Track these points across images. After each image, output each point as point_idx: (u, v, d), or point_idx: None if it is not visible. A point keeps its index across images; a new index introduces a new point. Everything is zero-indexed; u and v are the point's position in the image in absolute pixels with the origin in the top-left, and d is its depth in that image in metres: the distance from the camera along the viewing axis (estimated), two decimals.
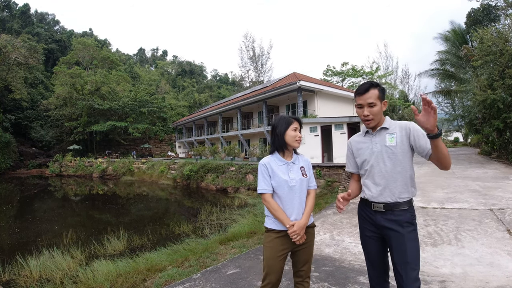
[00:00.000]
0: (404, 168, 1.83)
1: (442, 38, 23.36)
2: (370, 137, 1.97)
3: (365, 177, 1.98)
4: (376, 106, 1.87)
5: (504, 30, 14.90)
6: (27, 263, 5.92)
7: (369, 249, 1.97)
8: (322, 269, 3.40)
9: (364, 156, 1.97)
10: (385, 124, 1.92)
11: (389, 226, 1.82)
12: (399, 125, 1.88)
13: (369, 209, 1.93)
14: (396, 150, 1.84)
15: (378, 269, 1.96)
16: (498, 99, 12.63)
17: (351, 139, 2.13)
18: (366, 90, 1.88)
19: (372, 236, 1.93)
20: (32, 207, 15.56)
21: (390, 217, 1.83)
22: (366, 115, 1.89)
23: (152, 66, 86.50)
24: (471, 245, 3.88)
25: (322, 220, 5.61)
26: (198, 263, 4.34)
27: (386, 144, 1.87)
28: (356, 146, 2.06)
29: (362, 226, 2.02)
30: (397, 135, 1.85)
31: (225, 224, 8.87)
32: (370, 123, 1.91)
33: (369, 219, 1.94)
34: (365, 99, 1.88)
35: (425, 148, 1.76)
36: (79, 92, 39.73)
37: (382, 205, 1.85)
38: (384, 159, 1.87)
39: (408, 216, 1.82)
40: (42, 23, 63.62)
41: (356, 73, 41.03)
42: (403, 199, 1.82)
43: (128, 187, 23.54)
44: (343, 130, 15.45)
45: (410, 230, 1.79)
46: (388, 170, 1.84)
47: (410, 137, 1.82)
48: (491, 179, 9.04)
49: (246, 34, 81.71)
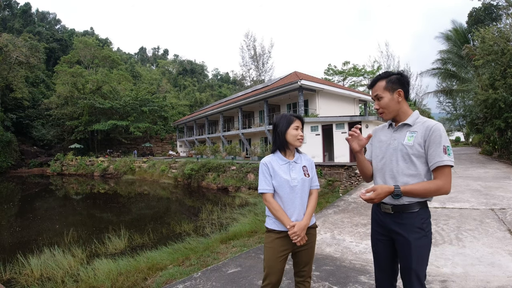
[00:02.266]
0: (417, 172, 1.68)
1: (444, 37, 23.31)
2: (391, 132, 1.85)
3: (376, 174, 1.88)
4: (384, 98, 1.77)
5: (505, 30, 14.85)
6: (28, 262, 5.93)
7: (378, 251, 1.88)
8: (323, 268, 3.40)
9: (380, 150, 1.87)
10: (409, 120, 1.76)
11: (397, 229, 1.71)
12: (424, 124, 1.71)
13: (379, 210, 1.84)
14: (412, 151, 1.69)
15: (385, 273, 1.87)
16: (500, 99, 12.60)
17: (376, 127, 2.02)
18: (373, 83, 1.83)
19: (382, 239, 1.84)
20: (33, 206, 15.60)
21: (398, 220, 1.71)
22: (376, 108, 1.84)
23: (153, 65, 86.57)
24: (472, 245, 3.87)
25: (323, 220, 5.61)
26: (199, 262, 4.34)
27: (403, 142, 1.74)
28: (377, 136, 1.95)
29: (372, 227, 1.93)
30: (417, 135, 1.70)
31: (226, 223, 8.87)
32: (383, 116, 1.83)
33: (379, 220, 1.85)
34: (372, 93, 1.83)
35: (431, 160, 1.65)
36: (80, 91, 39.77)
37: (390, 206, 1.73)
38: (397, 158, 1.74)
39: (418, 221, 1.67)
40: (43, 22, 63.79)
41: (357, 72, 41.00)
42: (412, 202, 1.68)
43: (129, 186, 23.57)
44: (344, 129, 15.43)
45: (419, 237, 1.65)
46: (399, 171, 1.72)
47: (426, 141, 1.67)
48: (492, 178, 9.02)
49: (247, 33, 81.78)
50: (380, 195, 1.64)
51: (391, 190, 1.64)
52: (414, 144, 1.69)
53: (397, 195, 1.63)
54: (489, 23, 21.12)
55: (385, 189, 1.65)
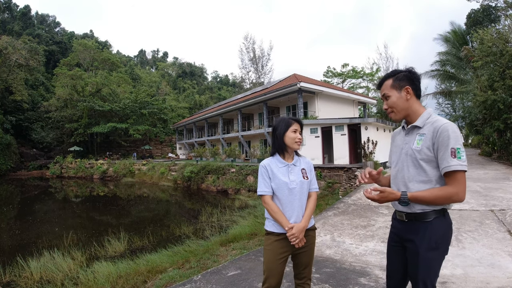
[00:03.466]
0: (428, 178, 1.56)
1: (442, 39, 23.42)
2: (403, 135, 1.73)
3: (391, 181, 1.78)
4: (391, 96, 1.67)
5: (504, 31, 14.94)
6: (28, 265, 5.93)
7: (390, 257, 1.81)
8: (323, 271, 3.40)
9: (395, 155, 1.77)
10: (418, 122, 1.62)
11: (408, 237, 1.62)
12: (433, 125, 1.56)
13: (395, 216, 1.77)
14: (420, 156, 1.57)
15: (395, 281, 1.79)
16: (499, 100, 12.64)
17: (395, 131, 1.90)
18: (381, 83, 1.75)
19: (394, 245, 1.76)
20: (32, 209, 15.57)
21: (411, 228, 1.61)
22: (385, 108, 1.74)
23: (152, 68, 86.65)
24: (472, 246, 3.87)
25: (322, 222, 5.60)
26: (198, 264, 4.33)
27: (412, 146, 1.61)
28: (394, 140, 1.85)
29: (390, 232, 1.84)
30: (426, 137, 1.56)
31: (226, 226, 8.86)
32: (391, 116, 1.72)
33: (395, 227, 1.77)
34: (380, 93, 1.75)
35: (440, 165, 1.52)
36: (79, 94, 39.82)
37: (404, 214, 1.64)
38: (408, 164, 1.63)
39: (430, 232, 1.54)
40: (42, 24, 63.73)
41: (357, 74, 41.11)
42: (426, 210, 1.56)
43: (128, 188, 23.55)
44: (343, 131, 15.45)
45: (429, 248, 1.53)
46: (410, 178, 1.60)
47: (435, 143, 1.53)
48: (491, 180, 9.03)
49: (247, 35, 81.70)
50: (385, 199, 1.59)
51: (397, 196, 1.57)
52: (422, 148, 1.56)
53: (404, 202, 1.56)
54: (487, 24, 21.20)
55: (392, 194, 1.58)
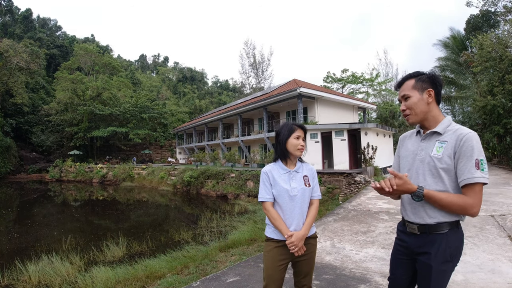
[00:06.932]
0: (445, 188, 1.48)
1: (442, 44, 23.55)
2: (418, 140, 1.63)
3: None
4: (411, 97, 1.57)
5: (503, 36, 15.03)
6: (26, 268, 5.90)
7: (395, 271, 1.71)
8: (323, 277, 3.37)
9: (407, 161, 1.67)
10: (438, 128, 1.53)
11: (422, 250, 1.53)
12: (456, 133, 1.48)
13: (404, 229, 1.66)
14: (440, 164, 1.48)
15: None
16: (498, 105, 12.69)
17: (405, 134, 1.80)
18: (401, 82, 1.65)
19: (402, 259, 1.67)
20: (31, 212, 15.52)
21: (424, 241, 1.53)
22: (402, 109, 1.64)
23: (153, 72, 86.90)
24: (472, 252, 3.85)
25: (322, 228, 5.58)
26: (197, 270, 4.30)
27: (431, 153, 1.52)
28: (404, 144, 1.74)
29: (395, 243, 1.75)
30: (448, 145, 1.47)
31: (225, 231, 8.82)
32: (408, 119, 1.62)
33: (403, 240, 1.67)
34: (400, 93, 1.64)
35: (460, 175, 1.43)
36: (80, 98, 39.87)
37: (417, 226, 1.55)
38: (424, 172, 1.53)
39: (446, 243, 1.47)
40: (44, 28, 64.09)
41: (356, 80, 41.22)
42: (440, 222, 1.49)
43: (128, 193, 23.48)
44: (343, 136, 15.45)
45: (443, 261, 1.47)
46: (426, 186, 1.50)
47: (456, 152, 1.45)
48: (492, 185, 9.01)
49: (247, 41, 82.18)
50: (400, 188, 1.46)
51: (413, 188, 1.47)
52: (443, 156, 1.47)
53: (417, 196, 1.47)
54: (487, 30, 21.34)
55: (409, 184, 1.47)
